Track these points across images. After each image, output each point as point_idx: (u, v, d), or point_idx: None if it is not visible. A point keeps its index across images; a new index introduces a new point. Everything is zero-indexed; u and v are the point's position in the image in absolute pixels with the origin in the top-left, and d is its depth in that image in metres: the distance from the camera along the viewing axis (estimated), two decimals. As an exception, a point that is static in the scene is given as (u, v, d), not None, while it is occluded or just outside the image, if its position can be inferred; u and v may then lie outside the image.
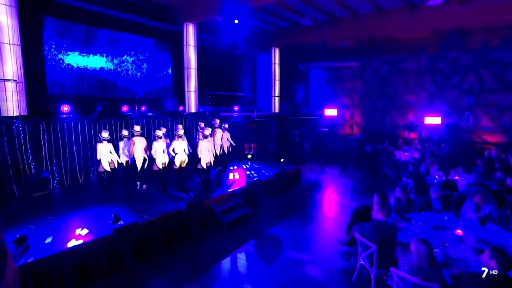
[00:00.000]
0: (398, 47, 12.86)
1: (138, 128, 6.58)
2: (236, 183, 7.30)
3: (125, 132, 6.63)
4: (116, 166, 6.23)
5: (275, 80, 13.62)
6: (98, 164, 6.11)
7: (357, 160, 11.26)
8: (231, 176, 7.97)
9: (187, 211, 5.52)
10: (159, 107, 9.45)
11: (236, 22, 8.13)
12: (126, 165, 6.65)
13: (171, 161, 6.60)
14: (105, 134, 6.08)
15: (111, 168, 6.10)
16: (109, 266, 4.39)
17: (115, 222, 4.73)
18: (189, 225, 5.61)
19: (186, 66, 10.02)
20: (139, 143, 6.53)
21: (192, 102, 10.18)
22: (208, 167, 6.78)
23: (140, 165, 6.51)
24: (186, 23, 9.74)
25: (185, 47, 9.91)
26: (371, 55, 13.30)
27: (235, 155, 9.45)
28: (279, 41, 13.15)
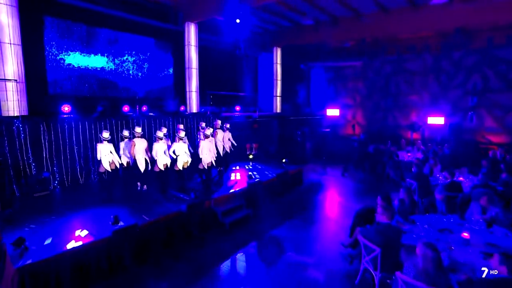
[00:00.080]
0: (401, 47, 12.77)
1: (139, 130, 6.52)
2: (237, 184, 7.24)
3: (126, 133, 6.59)
4: (116, 167, 6.19)
5: (276, 80, 13.55)
6: (99, 165, 6.07)
7: (359, 160, 11.17)
8: (233, 176, 7.92)
9: (188, 212, 5.47)
10: (160, 107, 9.41)
11: (237, 21, 8.10)
12: (127, 166, 6.60)
13: (172, 162, 6.54)
14: (105, 134, 6.04)
15: (112, 169, 6.06)
16: (108, 268, 4.34)
17: (114, 223, 4.68)
18: (190, 226, 5.55)
19: (187, 66, 9.98)
20: (139, 145, 6.48)
21: (193, 102, 10.13)
22: (209, 167, 6.73)
23: (142, 167, 6.47)
24: (187, 22, 9.70)
25: (187, 47, 9.87)
26: (374, 55, 13.24)
27: (236, 155, 9.39)
28: (280, 41, 13.08)
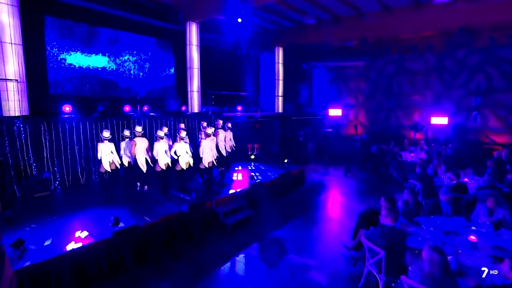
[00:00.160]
0: (403, 46, 12.65)
1: (139, 129, 6.49)
2: (239, 184, 7.18)
3: (126, 133, 6.55)
4: (117, 167, 6.15)
5: (278, 79, 13.48)
6: (100, 165, 6.04)
7: (362, 161, 11.08)
8: (234, 177, 7.86)
9: (189, 212, 5.42)
10: (162, 107, 9.37)
11: (239, 21, 8.05)
12: (128, 165, 6.56)
13: (173, 162, 6.49)
14: (106, 134, 6.01)
15: (112, 169, 6.02)
16: (109, 270, 4.30)
17: (115, 224, 4.64)
18: (191, 226, 5.50)
19: (188, 65, 9.93)
20: (140, 144, 6.44)
21: (195, 102, 10.08)
22: (210, 167, 6.67)
23: (144, 167, 6.42)
24: (188, 22, 9.65)
25: (188, 47, 9.82)
26: (376, 55, 13.13)
27: (238, 155, 9.33)
28: (282, 41, 13.01)
